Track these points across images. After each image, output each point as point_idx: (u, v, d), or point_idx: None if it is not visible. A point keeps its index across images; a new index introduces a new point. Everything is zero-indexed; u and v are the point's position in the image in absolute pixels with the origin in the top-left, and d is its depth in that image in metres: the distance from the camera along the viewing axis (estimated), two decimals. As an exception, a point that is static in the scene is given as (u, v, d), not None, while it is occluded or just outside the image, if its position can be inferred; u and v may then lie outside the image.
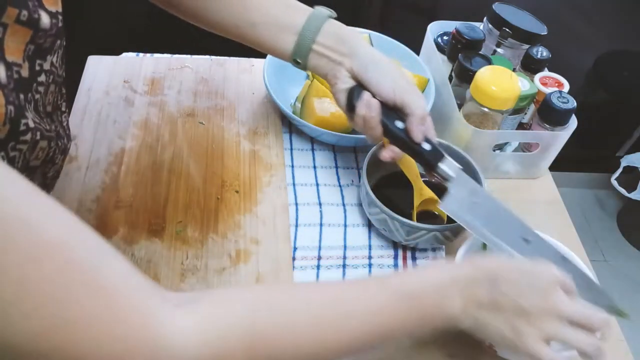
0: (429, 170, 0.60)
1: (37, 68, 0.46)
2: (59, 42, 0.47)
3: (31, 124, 0.45)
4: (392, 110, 0.59)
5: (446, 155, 0.59)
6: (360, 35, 0.63)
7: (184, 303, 0.37)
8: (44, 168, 0.54)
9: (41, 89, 0.48)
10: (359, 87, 0.60)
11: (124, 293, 0.34)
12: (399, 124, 0.59)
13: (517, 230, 0.58)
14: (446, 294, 0.46)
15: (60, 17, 0.46)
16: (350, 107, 0.60)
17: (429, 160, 0.59)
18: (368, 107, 0.58)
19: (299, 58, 0.61)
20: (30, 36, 0.43)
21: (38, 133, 0.47)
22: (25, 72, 0.44)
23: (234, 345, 0.37)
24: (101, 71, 0.83)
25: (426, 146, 0.58)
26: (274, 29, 0.61)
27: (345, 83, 0.60)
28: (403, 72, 0.60)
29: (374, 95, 0.59)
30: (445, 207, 0.58)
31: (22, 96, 0.45)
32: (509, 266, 0.47)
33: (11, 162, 0.46)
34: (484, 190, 0.59)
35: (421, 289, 0.46)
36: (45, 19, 0.44)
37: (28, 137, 0.45)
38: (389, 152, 0.61)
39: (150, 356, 0.33)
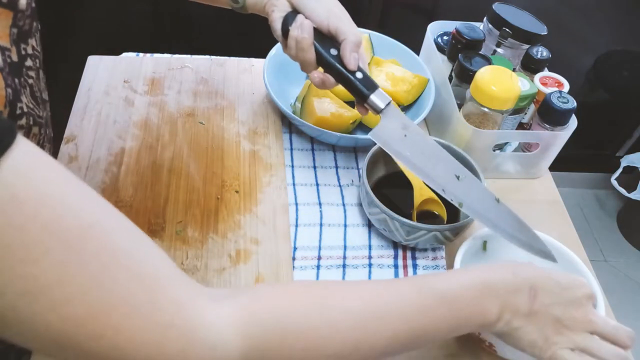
0: (360, 102, 0.60)
1: (23, 52, 0.46)
2: (35, 24, 0.48)
3: (25, 109, 0.46)
4: (327, 39, 0.60)
5: (378, 86, 0.59)
6: None
7: (221, 297, 0.36)
8: None
9: (32, 73, 0.48)
10: (294, 12, 0.60)
11: (163, 281, 0.33)
12: (333, 51, 0.59)
13: (449, 166, 0.58)
14: (485, 300, 0.45)
15: None
16: (285, 33, 0.60)
17: (361, 90, 0.58)
18: (300, 28, 0.58)
19: None
20: (12, 18, 0.43)
21: (31, 118, 0.47)
22: (15, 57, 0.44)
23: (271, 339, 0.37)
24: (101, 71, 0.83)
25: (359, 75, 0.58)
26: None
27: (282, 11, 0.60)
28: (339, 4, 0.61)
29: None
30: (375, 136, 0.58)
31: (17, 80, 0.45)
32: (548, 278, 0.47)
33: None
34: (415, 125, 0.59)
35: (460, 293, 0.45)
36: (22, 0, 0.44)
37: (23, 121, 0.45)
38: (319, 74, 0.61)
39: (186, 346, 0.33)
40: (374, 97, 0.58)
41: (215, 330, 0.34)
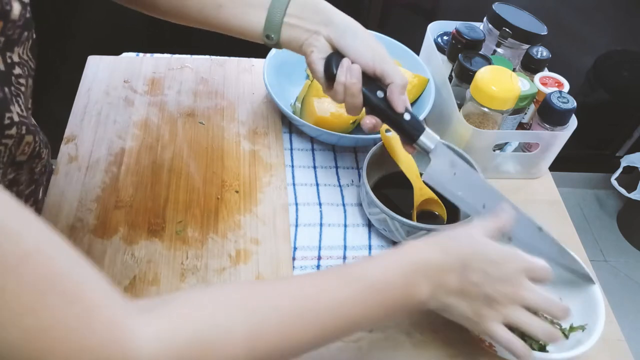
0: (409, 142, 0.60)
1: (9, 61, 0.46)
2: (26, 33, 0.47)
3: (16, 118, 0.45)
4: (371, 80, 0.58)
5: (425, 127, 0.59)
6: (331, 5, 0.60)
7: (149, 312, 0.36)
8: (31, 163, 0.54)
9: (22, 81, 0.48)
10: (337, 54, 0.58)
11: (97, 303, 0.34)
12: (380, 94, 0.58)
13: (495, 200, 0.58)
14: (414, 282, 0.45)
15: (28, 8, 0.46)
16: (329, 76, 0.59)
17: (410, 131, 0.58)
18: (349, 73, 0.57)
19: (271, 33, 0.59)
20: (1, 28, 0.43)
21: (23, 127, 0.47)
22: (1, 66, 0.44)
23: (192, 355, 0.37)
24: (101, 71, 0.83)
25: (407, 117, 0.58)
26: (241, 8, 0.59)
27: (322, 52, 0.58)
28: (379, 42, 0.60)
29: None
30: (428, 178, 0.58)
31: (6, 89, 0.44)
32: (479, 253, 0.47)
33: None
34: (462, 162, 0.60)
35: (388, 280, 0.45)
36: (16, 10, 0.43)
37: (13, 131, 0.45)
38: (371, 119, 0.59)
39: None
40: (423, 138, 0.58)
41: (145, 350, 0.35)
